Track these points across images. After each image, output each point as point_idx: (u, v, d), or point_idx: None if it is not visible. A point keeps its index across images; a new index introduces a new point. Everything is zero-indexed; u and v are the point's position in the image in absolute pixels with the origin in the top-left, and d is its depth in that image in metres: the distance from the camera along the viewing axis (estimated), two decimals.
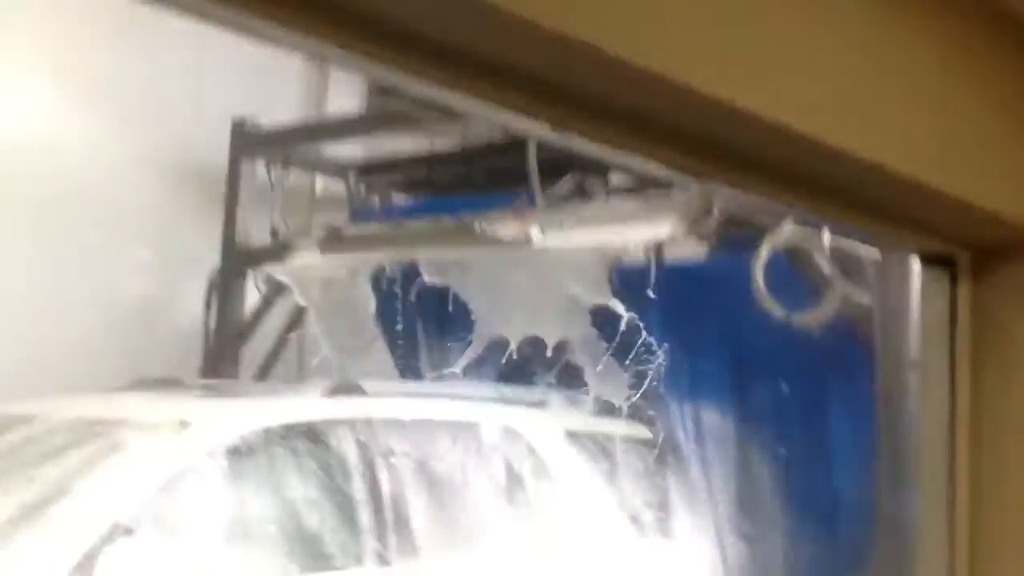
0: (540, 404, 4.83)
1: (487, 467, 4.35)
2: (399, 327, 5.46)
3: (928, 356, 2.17)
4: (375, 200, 6.55)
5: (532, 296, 4.92)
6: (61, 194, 5.96)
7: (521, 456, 4.47)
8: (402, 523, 3.94)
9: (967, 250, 2.19)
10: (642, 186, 5.09)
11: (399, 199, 6.71)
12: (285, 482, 3.75)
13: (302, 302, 5.82)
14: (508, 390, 4.88)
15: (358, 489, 3.88)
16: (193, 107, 6.41)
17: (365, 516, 3.85)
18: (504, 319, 4.97)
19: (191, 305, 6.47)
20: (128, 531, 3.22)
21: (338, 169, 6.47)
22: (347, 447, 3.96)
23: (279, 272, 5.83)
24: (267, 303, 6.29)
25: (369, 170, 6.42)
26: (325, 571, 3.69)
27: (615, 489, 4.71)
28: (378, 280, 5.50)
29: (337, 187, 7.01)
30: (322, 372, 6.01)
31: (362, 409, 4.17)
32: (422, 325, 5.54)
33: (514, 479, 4.40)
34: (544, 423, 4.71)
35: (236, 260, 6.29)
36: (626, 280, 4.60)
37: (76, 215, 6.07)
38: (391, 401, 4.36)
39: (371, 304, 5.50)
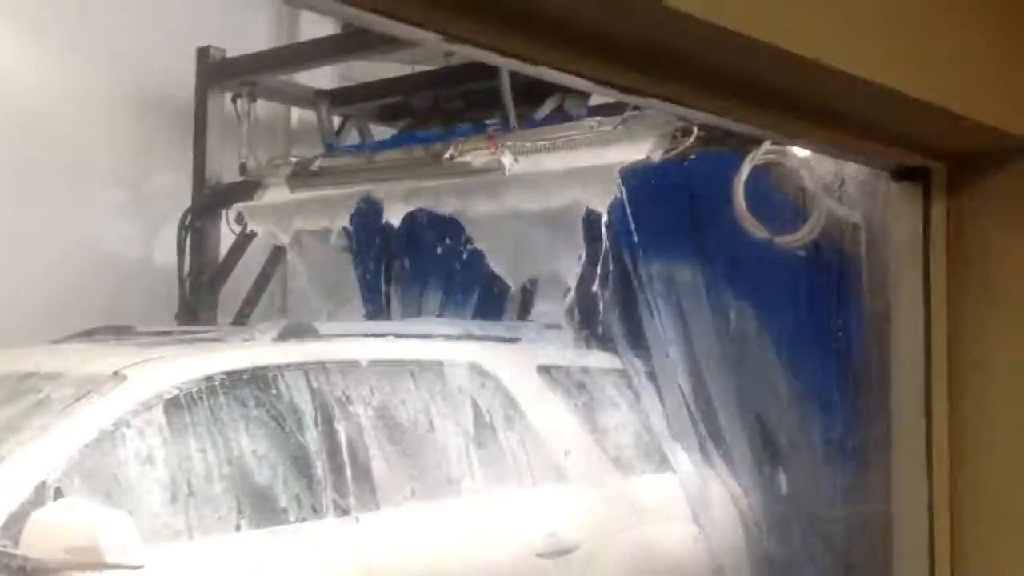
0: (511, 339, 4.61)
1: (453, 409, 4.09)
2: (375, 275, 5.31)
3: (902, 275, 2.02)
4: (349, 131, 6.32)
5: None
6: (25, 134, 5.76)
7: (490, 395, 4.21)
8: (362, 473, 3.72)
9: (941, 162, 2.02)
10: (624, 105, 4.89)
11: (377, 132, 6.50)
12: (231, 434, 3.51)
13: (276, 241, 5.66)
14: (476, 326, 4.67)
15: (312, 438, 3.67)
16: (159, 39, 6.17)
17: (321, 467, 3.63)
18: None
19: (166, 248, 6.29)
20: (57, 492, 3.03)
21: (309, 99, 6.24)
22: (299, 394, 3.73)
23: (249, 214, 5.65)
24: (242, 243, 6.12)
25: (342, 98, 6.18)
26: (278, 525, 3.47)
27: (593, 424, 4.48)
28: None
29: (315, 119, 6.82)
30: (302, 311, 5.89)
31: (315, 352, 3.92)
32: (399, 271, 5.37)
33: (482, 420, 4.13)
34: (514, 359, 4.45)
35: (208, 199, 6.11)
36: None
37: (42, 157, 5.88)
38: (347, 343, 4.12)
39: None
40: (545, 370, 4.49)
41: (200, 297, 6.13)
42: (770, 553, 4.47)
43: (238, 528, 3.39)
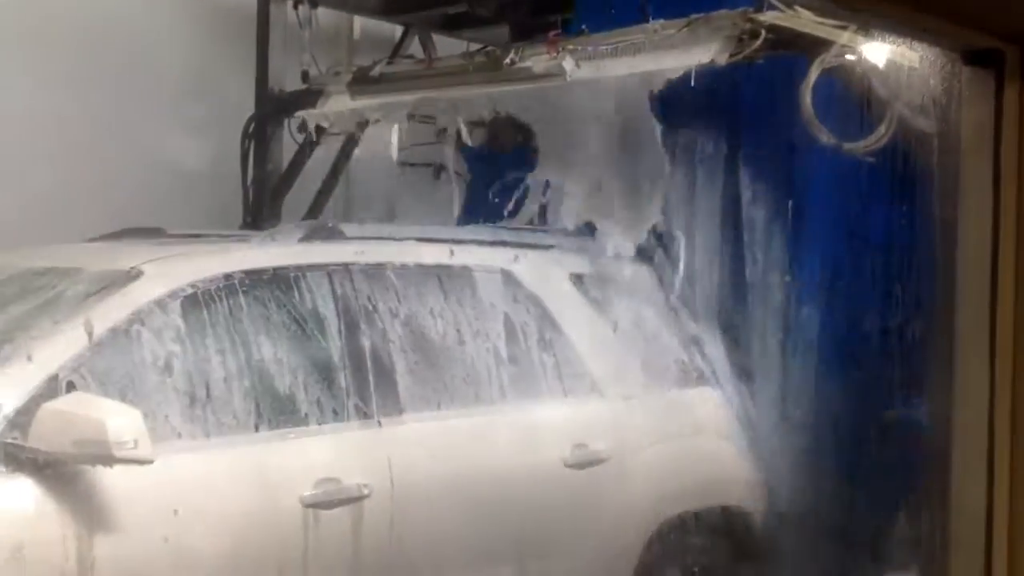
0: (544, 246, 4.47)
1: (482, 316, 3.98)
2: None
3: (971, 164, 1.92)
4: (412, 40, 6.24)
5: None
6: (89, 45, 5.79)
7: (519, 303, 4.10)
8: (386, 378, 3.64)
9: (1016, 44, 1.90)
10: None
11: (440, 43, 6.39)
12: (251, 334, 3.42)
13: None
14: (509, 232, 4.53)
15: (335, 342, 3.59)
16: None
17: (344, 371, 3.56)
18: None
19: (230, 156, 6.31)
20: (70, 386, 3.00)
21: (370, 6, 6.16)
22: (322, 296, 3.63)
23: (313, 117, 5.62)
24: (304, 151, 6.12)
25: (404, 5, 6.09)
26: (297, 427, 3.45)
27: (628, 335, 4.37)
28: None
29: (379, 29, 6.74)
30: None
31: (340, 254, 3.80)
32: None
33: (512, 329, 4.03)
34: (546, 266, 4.32)
35: (270, 107, 6.09)
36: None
37: (106, 67, 5.90)
38: (373, 246, 3.97)
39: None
40: (578, 279, 4.37)
41: (264, 206, 6.16)
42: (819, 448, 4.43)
43: (256, 429, 3.36)
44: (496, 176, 5.10)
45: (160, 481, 3.08)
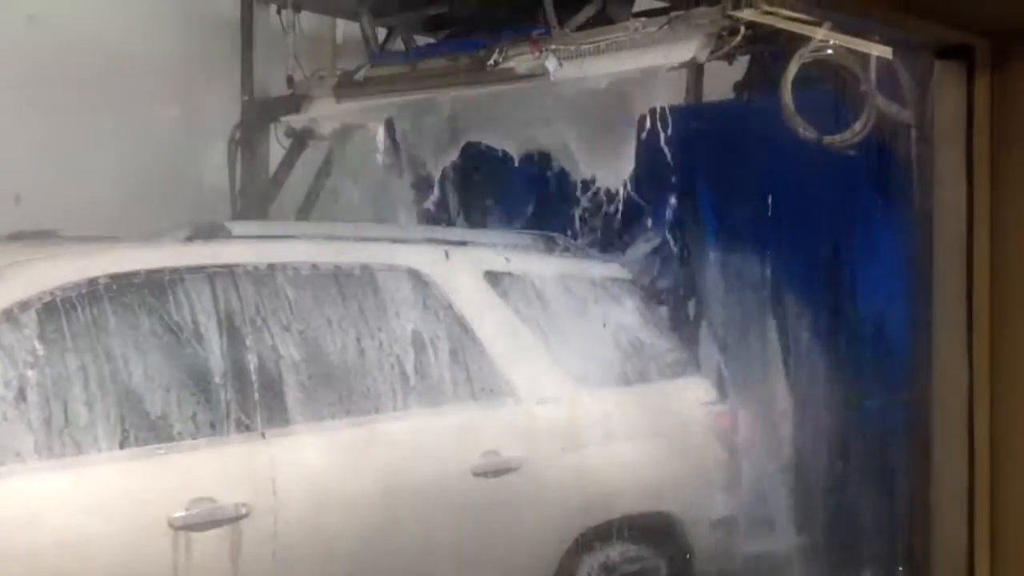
0: (456, 243, 4.21)
1: (385, 318, 3.73)
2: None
3: (945, 154, 1.99)
4: (394, 42, 6.28)
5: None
6: (72, 49, 5.79)
7: (427, 303, 3.86)
8: (272, 389, 3.38)
9: (986, 38, 1.97)
10: (667, 9, 4.81)
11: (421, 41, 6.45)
12: (116, 343, 3.15)
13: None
14: (420, 229, 4.37)
15: (215, 351, 3.32)
16: None
17: (224, 382, 3.30)
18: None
19: (216, 163, 6.34)
20: None
21: (353, 9, 6.19)
22: (201, 301, 3.35)
23: (297, 122, 5.66)
24: (291, 156, 6.15)
25: (385, 8, 6.13)
26: (167, 444, 3.19)
27: (554, 336, 4.13)
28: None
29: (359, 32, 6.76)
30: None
31: (223, 255, 3.49)
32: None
33: (418, 331, 3.80)
34: (459, 264, 4.05)
35: (256, 113, 6.13)
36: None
37: (90, 73, 5.91)
38: (263, 245, 3.67)
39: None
40: (494, 277, 4.13)
41: (251, 212, 6.19)
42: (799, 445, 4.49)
43: (121, 447, 3.13)
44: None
45: (12, 506, 2.92)
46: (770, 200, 4.59)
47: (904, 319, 3.99)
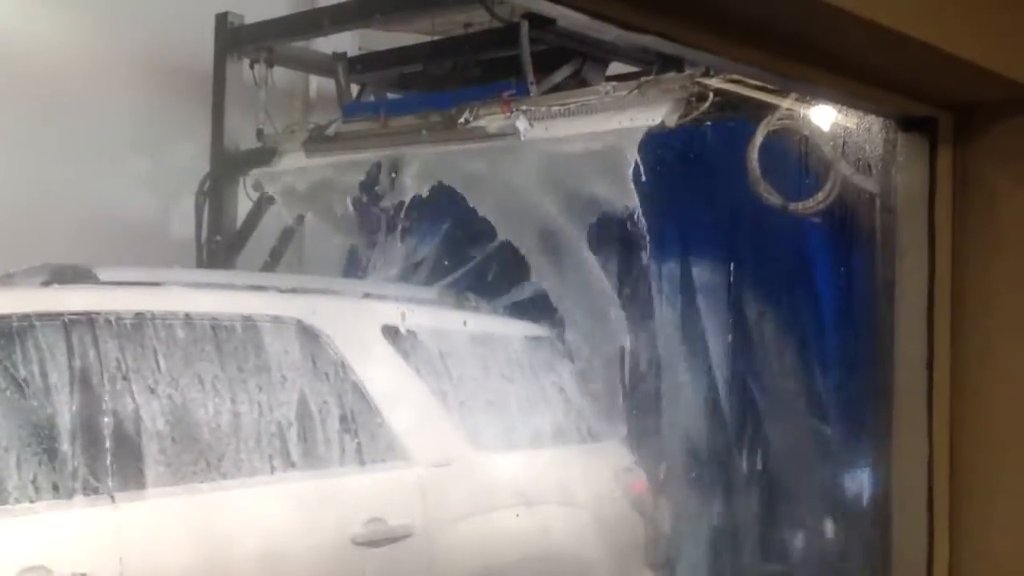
0: (357, 295, 4.01)
1: (265, 373, 3.44)
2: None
3: (907, 226, 2.00)
4: (368, 98, 6.31)
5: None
6: (41, 100, 5.78)
7: (314, 357, 3.59)
8: (127, 449, 3.09)
9: (949, 112, 1.99)
10: (640, 74, 4.86)
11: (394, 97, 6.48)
12: None
13: (286, 216, 5.65)
14: (314, 279, 4.11)
15: (62, 406, 3.04)
16: (177, 4, 6.16)
17: (71, 441, 3.02)
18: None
19: (183, 214, 6.31)
20: None
21: (327, 65, 6.23)
22: (52, 351, 3.06)
23: (266, 180, 5.64)
24: (259, 209, 6.13)
25: (360, 66, 6.17)
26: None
27: (455, 395, 3.91)
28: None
29: (333, 88, 6.78)
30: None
31: (83, 302, 3.22)
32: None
33: (302, 387, 3.52)
34: (353, 317, 3.81)
35: (226, 165, 6.12)
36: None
37: (59, 123, 5.89)
38: (130, 292, 3.40)
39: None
40: (394, 333, 3.89)
41: (217, 264, 6.15)
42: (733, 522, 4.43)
43: None
44: None
45: None
46: (730, 266, 4.58)
47: (864, 389, 4.02)
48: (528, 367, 4.26)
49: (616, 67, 5.42)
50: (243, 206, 6.18)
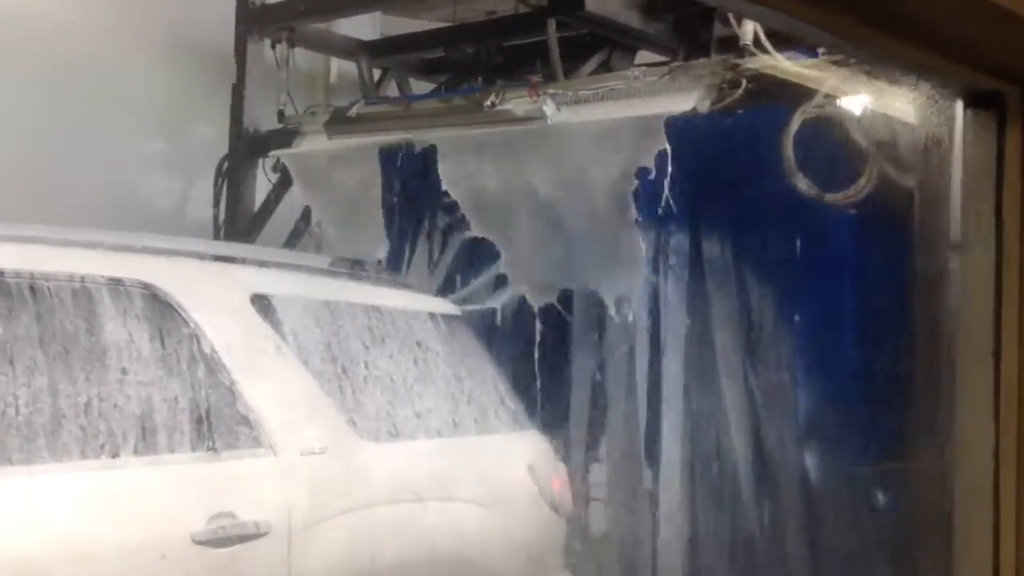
0: (227, 259, 3.54)
1: (96, 344, 2.95)
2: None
3: (973, 208, 1.88)
4: (388, 84, 6.21)
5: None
6: (62, 81, 5.70)
7: (161, 328, 3.09)
8: None
9: (1018, 86, 1.87)
10: (668, 62, 4.75)
11: (417, 87, 6.37)
12: None
13: (304, 196, 5.56)
14: (185, 241, 3.63)
15: None
16: None
17: None
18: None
19: (201, 196, 6.23)
20: None
21: (349, 49, 6.13)
22: None
23: (286, 159, 5.55)
24: (278, 191, 6.05)
25: (383, 49, 6.07)
26: None
27: (330, 375, 3.42)
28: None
29: (356, 72, 6.70)
30: None
31: None
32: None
33: (140, 362, 3.02)
34: (215, 284, 3.33)
35: (245, 147, 6.03)
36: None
37: (79, 104, 5.82)
38: None
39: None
40: (264, 302, 3.41)
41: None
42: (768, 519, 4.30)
43: None
44: None
45: None
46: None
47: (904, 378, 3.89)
48: (432, 347, 3.78)
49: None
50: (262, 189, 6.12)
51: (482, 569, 3.60)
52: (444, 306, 4.09)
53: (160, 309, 3.14)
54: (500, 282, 4.81)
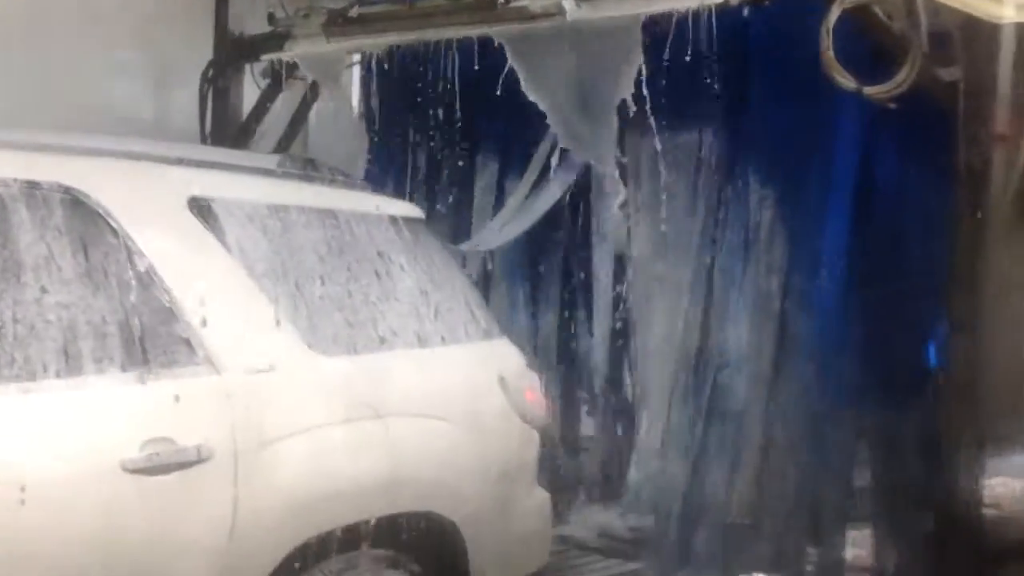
0: (159, 159, 3.19)
1: (10, 254, 2.70)
2: None
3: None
4: None
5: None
6: None
7: (86, 236, 2.84)
8: None
9: None
10: None
11: None
12: None
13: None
14: (109, 140, 3.24)
15: None
16: None
17: None
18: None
19: (185, 105, 5.97)
20: None
21: None
22: None
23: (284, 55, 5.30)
24: (267, 98, 5.82)
25: None
26: None
27: (279, 285, 3.18)
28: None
29: None
30: None
31: None
32: None
33: (63, 275, 2.77)
34: (148, 187, 3.05)
35: (231, 51, 5.77)
36: None
37: (56, 8, 5.51)
38: None
39: None
40: (203, 206, 3.15)
41: None
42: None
43: None
44: None
45: None
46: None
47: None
48: (393, 252, 3.56)
49: None
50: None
51: (450, 488, 3.42)
52: (406, 208, 3.85)
53: (84, 216, 2.87)
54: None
